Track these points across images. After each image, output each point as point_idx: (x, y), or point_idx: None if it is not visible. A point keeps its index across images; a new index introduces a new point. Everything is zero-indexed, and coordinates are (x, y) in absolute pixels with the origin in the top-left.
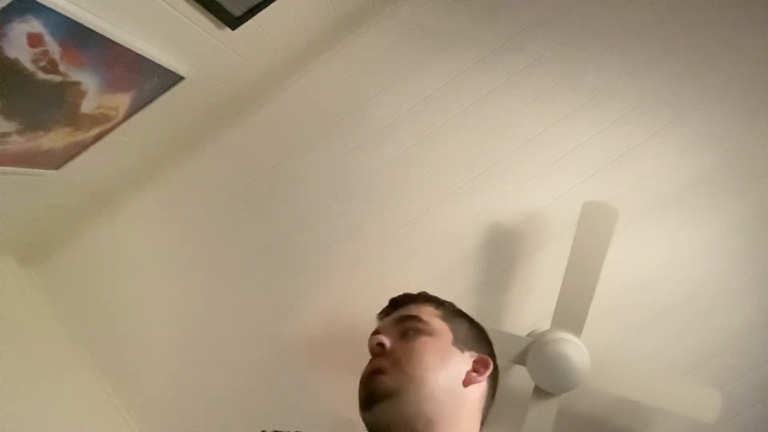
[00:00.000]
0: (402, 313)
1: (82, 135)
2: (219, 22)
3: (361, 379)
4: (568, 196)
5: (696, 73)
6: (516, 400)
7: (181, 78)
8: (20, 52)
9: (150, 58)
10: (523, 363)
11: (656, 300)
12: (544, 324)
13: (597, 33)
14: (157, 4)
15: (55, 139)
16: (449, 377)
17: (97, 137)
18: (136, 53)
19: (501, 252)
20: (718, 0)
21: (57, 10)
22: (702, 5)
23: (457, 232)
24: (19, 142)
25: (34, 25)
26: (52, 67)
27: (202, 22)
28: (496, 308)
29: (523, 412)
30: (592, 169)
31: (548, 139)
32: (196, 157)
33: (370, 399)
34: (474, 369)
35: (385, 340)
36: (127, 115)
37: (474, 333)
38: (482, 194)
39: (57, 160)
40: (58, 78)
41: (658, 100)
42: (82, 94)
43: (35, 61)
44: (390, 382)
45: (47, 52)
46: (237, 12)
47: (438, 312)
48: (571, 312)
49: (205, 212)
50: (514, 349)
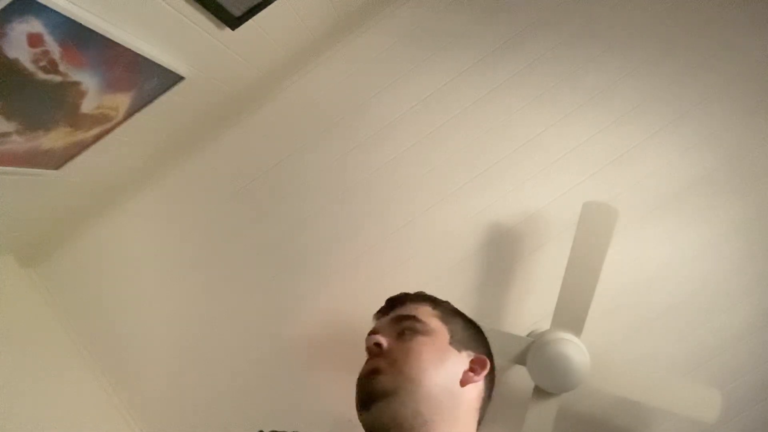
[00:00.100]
0: (399, 312)
1: (82, 135)
2: (219, 22)
3: (358, 379)
4: (568, 196)
5: (696, 73)
6: (516, 400)
7: (181, 78)
8: (20, 52)
9: (150, 58)
10: (523, 363)
11: (656, 300)
12: (544, 324)
13: (597, 33)
14: (157, 4)
15: (55, 139)
16: (446, 377)
17: (97, 137)
18: (136, 53)
19: (501, 252)
20: (718, 0)
21: (57, 10)
22: (702, 5)
23: (457, 232)
24: (19, 142)
25: (34, 25)
26: (52, 67)
27: (202, 22)
28: (496, 308)
29: (523, 412)
30: (592, 169)
31: (548, 139)
32: (196, 157)
33: (367, 399)
34: (471, 369)
35: (382, 340)
36: (127, 115)
37: (471, 332)
38: (482, 194)
39: (57, 160)
40: (58, 78)
41: (658, 100)
42: (82, 94)
43: (35, 61)
44: (387, 382)
45: (47, 52)
46: (237, 12)
47: (435, 312)
48: (571, 312)
49: (205, 212)
50: (514, 349)
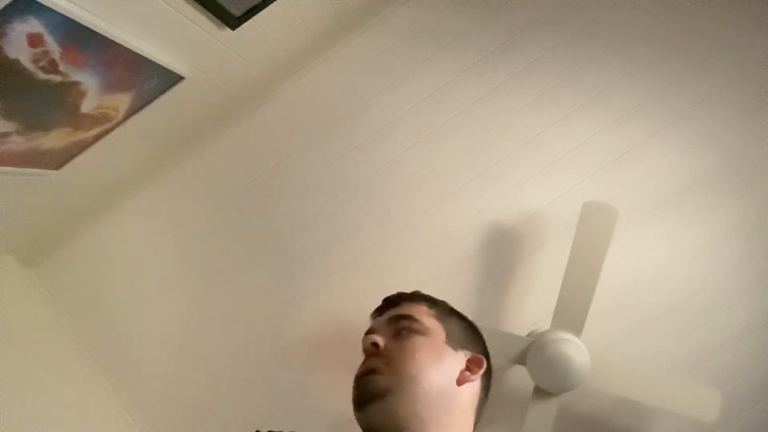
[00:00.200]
0: (395, 312)
1: (82, 135)
2: (219, 22)
3: (355, 379)
4: (568, 196)
5: (696, 73)
6: (516, 400)
7: (181, 78)
8: (20, 52)
9: (150, 58)
10: (523, 363)
11: (656, 300)
12: (544, 324)
13: (597, 33)
14: (157, 4)
15: (55, 139)
16: (443, 376)
17: (97, 137)
18: (136, 53)
19: (501, 252)
20: (718, 0)
21: (57, 10)
22: (702, 5)
23: (457, 232)
24: (19, 142)
25: (34, 25)
26: (52, 67)
27: (202, 22)
28: (496, 308)
29: (523, 412)
30: (592, 169)
31: (548, 139)
32: (196, 157)
33: (364, 399)
34: (467, 368)
35: (379, 339)
36: (127, 115)
37: (467, 332)
38: (482, 194)
39: (57, 160)
40: (58, 78)
41: (658, 100)
42: (82, 94)
43: (35, 61)
44: (383, 382)
45: (47, 52)
46: (237, 12)
47: (431, 311)
48: (571, 312)
49: (205, 212)
50: (514, 349)
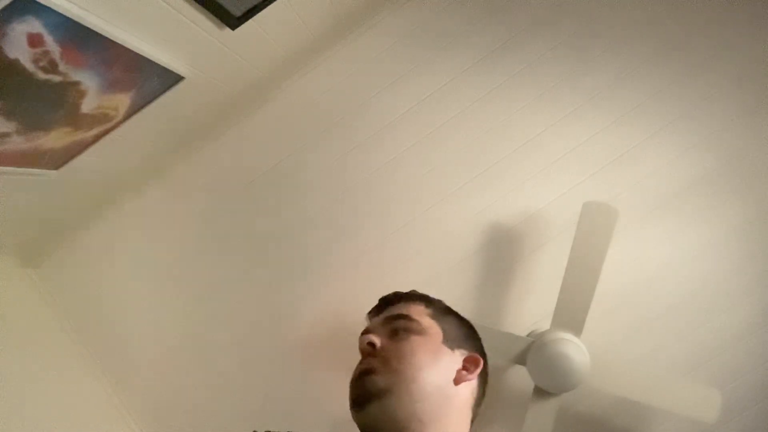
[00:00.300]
0: (392, 311)
1: (82, 135)
2: (219, 22)
3: (352, 379)
4: (568, 196)
5: (696, 73)
6: (516, 400)
7: (181, 78)
8: (20, 52)
9: (150, 58)
10: (523, 363)
11: (656, 300)
12: (544, 324)
13: (597, 33)
14: (157, 4)
15: (55, 139)
16: (440, 376)
17: (97, 137)
18: (136, 53)
19: (501, 252)
20: (718, 0)
21: (57, 10)
22: (702, 5)
23: (457, 232)
24: (19, 142)
25: (34, 25)
26: (52, 67)
27: (202, 22)
28: (496, 308)
29: (523, 412)
30: (592, 169)
31: (548, 139)
32: (196, 157)
33: (361, 399)
34: (464, 367)
35: (375, 339)
36: (127, 115)
37: (464, 331)
38: (482, 194)
39: (57, 160)
40: (58, 78)
41: (658, 100)
42: (82, 94)
43: (35, 61)
44: (380, 382)
45: (47, 52)
46: (237, 12)
47: (428, 310)
48: (571, 312)
49: (205, 212)
50: (514, 349)
